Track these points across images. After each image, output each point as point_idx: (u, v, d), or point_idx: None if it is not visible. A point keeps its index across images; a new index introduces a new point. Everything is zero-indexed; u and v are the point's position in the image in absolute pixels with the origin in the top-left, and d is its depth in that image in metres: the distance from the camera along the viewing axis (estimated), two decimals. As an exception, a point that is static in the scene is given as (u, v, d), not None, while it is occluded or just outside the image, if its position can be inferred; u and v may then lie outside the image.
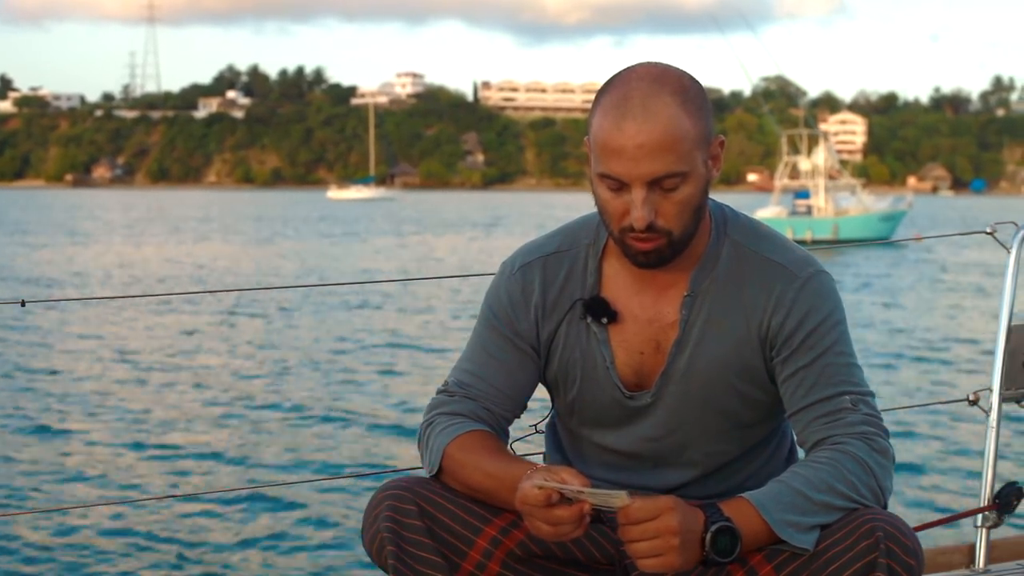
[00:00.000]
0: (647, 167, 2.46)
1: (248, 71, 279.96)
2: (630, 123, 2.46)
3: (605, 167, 2.51)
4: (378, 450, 13.34)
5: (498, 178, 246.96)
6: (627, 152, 2.46)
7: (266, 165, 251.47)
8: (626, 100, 2.49)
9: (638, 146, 2.46)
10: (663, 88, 2.50)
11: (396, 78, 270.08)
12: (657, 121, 2.46)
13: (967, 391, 3.49)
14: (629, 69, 2.57)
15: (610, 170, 2.50)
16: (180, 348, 22.00)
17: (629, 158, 2.46)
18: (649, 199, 2.49)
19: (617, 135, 2.47)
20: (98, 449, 13.42)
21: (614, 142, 2.48)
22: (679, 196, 2.51)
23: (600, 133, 2.51)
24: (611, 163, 2.49)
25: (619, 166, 2.48)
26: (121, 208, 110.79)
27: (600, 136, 2.51)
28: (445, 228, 76.04)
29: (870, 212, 58.10)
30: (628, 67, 2.58)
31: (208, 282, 35.30)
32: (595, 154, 2.54)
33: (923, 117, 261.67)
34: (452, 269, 41.04)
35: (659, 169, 2.47)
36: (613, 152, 2.48)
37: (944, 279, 39.37)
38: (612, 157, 2.48)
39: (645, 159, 2.46)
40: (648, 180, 2.48)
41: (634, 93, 2.49)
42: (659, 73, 2.53)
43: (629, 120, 2.46)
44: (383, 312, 28.23)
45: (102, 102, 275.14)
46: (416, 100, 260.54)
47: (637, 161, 2.46)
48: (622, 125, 2.47)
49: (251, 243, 57.20)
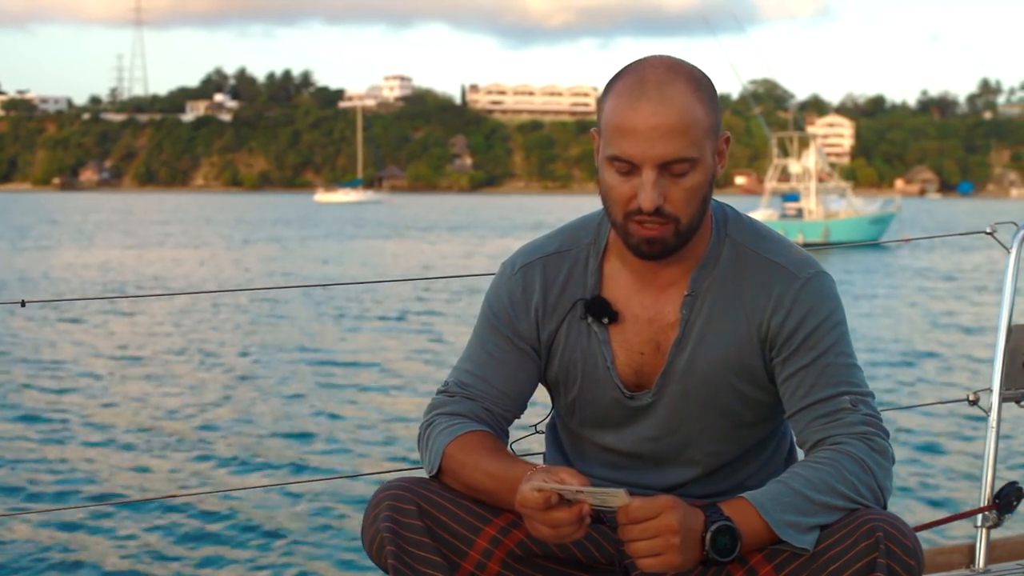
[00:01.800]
0: (659, 149, 2.48)
1: (236, 74, 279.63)
2: (645, 104, 2.48)
3: (616, 148, 2.52)
4: (378, 450, 13.31)
5: (486, 181, 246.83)
6: (640, 133, 2.48)
7: (254, 168, 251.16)
8: (641, 83, 2.51)
9: (652, 128, 2.47)
10: (678, 75, 2.53)
11: (384, 81, 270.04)
12: (672, 104, 2.48)
13: (967, 391, 3.49)
14: (642, 59, 2.60)
15: (622, 151, 2.51)
16: (179, 349, 21.96)
17: (643, 139, 2.48)
18: (659, 182, 2.50)
19: (631, 115, 2.49)
20: (99, 449, 13.40)
21: (628, 123, 2.49)
22: (688, 183, 2.52)
23: (613, 115, 2.52)
24: (623, 144, 2.50)
25: (631, 147, 2.49)
26: (82, 212, 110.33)
27: (613, 118, 2.52)
28: (443, 231, 75.95)
29: (860, 215, 58.20)
30: (641, 57, 2.61)
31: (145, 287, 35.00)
32: (605, 137, 2.55)
33: (910, 120, 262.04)
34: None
35: (671, 152, 2.48)
36: (626, 133, 2.49)
37: (940, 280, 39.39)
38: (624, 138, 2.50)
39: (658, 141, 2.48)
40: (659, 162, 2.49)
41: (649, 77, 2.52)
42: (673, 62, 2.57)
43: (644, 101, 2.48)
44: (383, 313, 28.24)
45: (89, 105, 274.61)
46: (404, 103, 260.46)
47: (651, 142, 2.48)
48: (636, 106, 2.49)
49: (223, 248, 56.77)
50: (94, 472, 12.30)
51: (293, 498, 11.10)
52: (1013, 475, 9.16)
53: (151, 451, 13.33)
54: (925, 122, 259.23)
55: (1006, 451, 12.09)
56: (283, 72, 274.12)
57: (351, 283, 3.87)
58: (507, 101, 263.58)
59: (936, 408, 14.83)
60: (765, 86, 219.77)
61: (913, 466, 12.53)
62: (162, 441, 13.84)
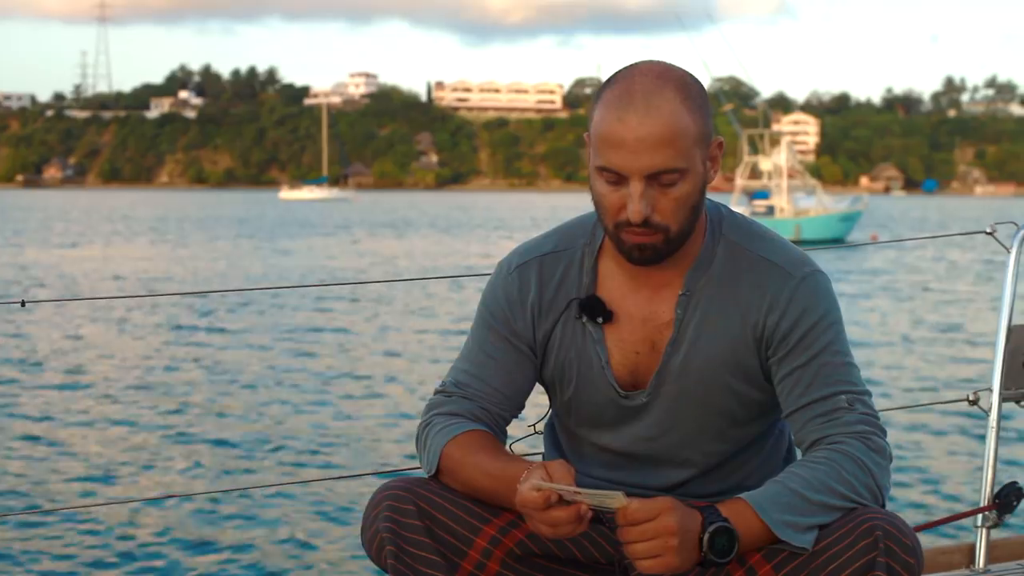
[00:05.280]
0: (647, 160, 2.47)
1: (200, 71, 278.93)
2: (632, 116, 2.48)
3: (604, 160, 2.52)
4: (377, 450, 13.30)
5: (452, 178, 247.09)
6: (628, 144, 2.47)
7: (219, 165, 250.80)
8: (629, 94, 2.50)
9: (639, 139, 2.47)
10: (666, 84, 2.51)
11: (349, 78, 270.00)
12: (659, 115, 2.47)
13: (967, 391, 3.49)
14: (632, 65, 2.59)
15: (609, 162, 2.51)
16: (178, 348, 21.88)
17: (629, 151, 2.48)
18: (647, 193, 2.50)
19: (618, 127, 2.48)
20: (97, 449, 13.36)
21: (615, 134, 2.49)
22: (676, 192, 2.52)
23: (601, 125, 2.52)
24: (611, 155, 2.50)
25: (619, 158, 2.49)
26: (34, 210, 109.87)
27: (601, 128, 2.51)
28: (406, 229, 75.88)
29: (830, 212, 58.49)
30: (631, 63, 2.60)
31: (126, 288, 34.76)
32: (594, 147, 2.55)
33: (875, 117, 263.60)
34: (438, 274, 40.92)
35: (658, 163, 2.48)
36: (613, 144, 2.49)
37: (930, 279, 39.57)
38: (612, 149, 2.49)
39: (645, 152, 2.47)
40: (647, 173, 2.49)
41: (637, 87, 2.51)
42: (663, 70, 2.55)
43: (631, 113, 2.48)
44: (381, 311, 28.23)
45: (53, 102, 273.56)
46: (369, 100, 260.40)
47: (637, 154, 2.47)
48: (624, 117, 2.48)
49: (151, 245, 56.32)
50: (93, 472, 12.26)
51: (293, 498, 11.08)
52: (1013, 475, 9.18)
53: (149, 451, 13.29)
54: (890, 120, 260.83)
55: (1006, 451, 12.13)
56: (248, 69, 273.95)
57: (351, 283, 3.86)
58: (473, 98, 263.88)
59: (936, 408, 14.87)
60: (731, 83, 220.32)
61: (913, 466, 12.55)
62: (159, 442, 13.78)
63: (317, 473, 12.00)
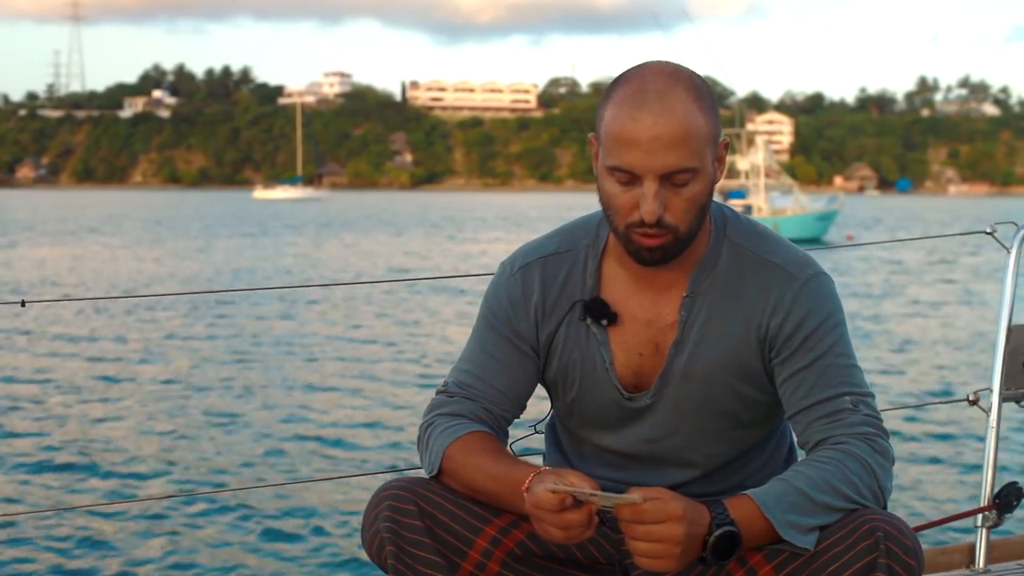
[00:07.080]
0: (661, 160, 2.46)
1: (174, 70, 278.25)
2: (646, 115, 2.46)
3: (617, 159, 2.50)
4: (378, 450, 13.30)
5: (426, 178, 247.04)
6: (642, 144, 2.46)
7: (192, 165, 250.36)
8: (642, 93, 2.48)
9: (654, 138, 2.45)
10: (678, 83, 2.50)
11: (323, 78, 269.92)
12: (673, 114, 2.46)
13: (967, 391, 3.50)
14: (642, 65, 2.57)
15: (622, 162, 2.49)
16: (177, 349, 21.82)
17: (644, 150, 2.46)
18: (660, 193, 2.49)
19: (632, 126, 2.46)
20: (97, 449, 13.32)
21: (629, 133, 2.47)
22: (688, 192, 2.51)
23: (614, 125, 2.50)
24: (624, 155, 2.48)
25: (633, 158, 2.47)
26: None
27: (613, 128, 2.49)
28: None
29: (807, 211, 58.68)
30: (640, 64, 2.59)
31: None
32: (605, 147, 2.53)
33: (849, 117, 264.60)
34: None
35: (672, 163, 2.46)
36: (627, 143, 2.47)
37: (929, 279, 39.65)
38: (626, 148, 2.47)
39: (660, 151, 2.45)
40: (661, 173, 2.47)
41: (650, 86, 2.49)
42: (673, 70, 2.54)
43: (645, 112, 2.46)
44: (381, 311, 28.22)
45: (26, 101, 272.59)
46: (344, 100, 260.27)
47: (652, 153, 2.45)
48: (638, 116, 2.46)
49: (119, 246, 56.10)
50: (93, 472, 12.25)
51: (293, 498, 11.07)
52: (1013, 475, 9.22)
53: (147, 451, 13.25)
54: (864, 119, 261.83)
55: (1006, 451, 12.17)
56: (222, 68, 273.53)
57: (351, 283, 3.85)
58: (447, 98, 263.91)
59: (936, 408, 14.91)
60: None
61: (913, 466, 12.57)
62: (158, 442, 13.74)
63: (317, 473, 11.99)
